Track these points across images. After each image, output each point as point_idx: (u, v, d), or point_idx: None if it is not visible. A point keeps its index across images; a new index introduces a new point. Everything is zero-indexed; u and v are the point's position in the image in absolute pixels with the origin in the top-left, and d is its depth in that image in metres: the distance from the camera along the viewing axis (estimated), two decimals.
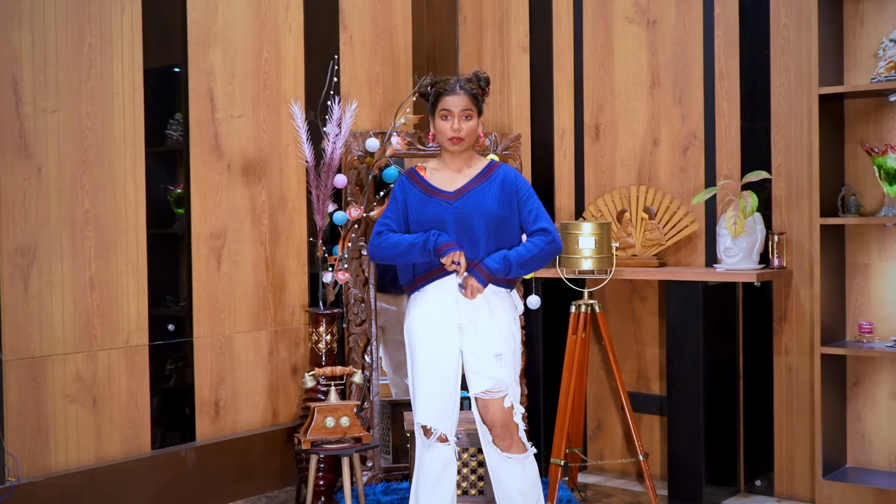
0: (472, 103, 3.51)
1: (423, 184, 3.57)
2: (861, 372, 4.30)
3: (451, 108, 3.49)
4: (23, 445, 3.66)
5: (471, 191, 3.53)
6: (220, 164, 4.33)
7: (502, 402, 3.46)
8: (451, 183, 3.56)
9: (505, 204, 3.52)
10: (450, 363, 3.50)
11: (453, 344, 3.50)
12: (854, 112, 4.30)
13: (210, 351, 4.28)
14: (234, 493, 4.30)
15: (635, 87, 4.90)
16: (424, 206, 3.53)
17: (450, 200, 3.52)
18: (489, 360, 3.46)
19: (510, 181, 3.55)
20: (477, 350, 3.48)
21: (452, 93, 3.51)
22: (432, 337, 3.50)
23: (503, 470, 3.49)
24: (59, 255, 3.79)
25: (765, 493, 4.55)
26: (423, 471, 3.54)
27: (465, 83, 3.54)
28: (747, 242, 4.36)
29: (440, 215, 3.49)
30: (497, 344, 3.47)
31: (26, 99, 3.69)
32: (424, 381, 3.51)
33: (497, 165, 3.61)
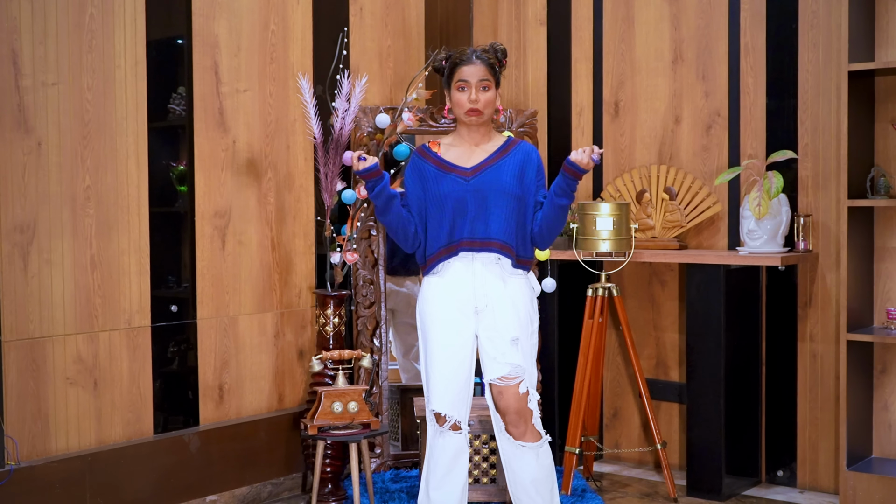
0: (489, 73, 3.45)
1: (437, 159, 3.52)
2: (888, 360, 4.24)
3: (467, 79, 3.43)
4: (22, 429, 3.63)
5: (489, 167, 3.48)
6: (225, 140, 4.26)
7: (517, 388, 3.40)
8: (468, 158, 3.50)
9: (523, 182, 3.48)
10: (465, 348, 3.45)
11: (469, 328, 3.45)
12: (885, 90, 4.22)
13: (214, 333, 4.23)
14: (239, 480, 4.25)
15: (657, 62, 4.83)
16: (440, 183, 3.47)
17: (467, 177, 3.46)
18: (506, 345, 3.40)
19: (530, 160, 3.51)
20: (493, 334, 3.42)
21: (469, 63, 3.45)
22: (447, 321, 3.45)
23: (516, 459, 3.43)
24: (59, 233, 3.74)
25: (787, 485, 4.51)
26: (435, 459, 3.49)
27: (482, 53, 3.49)
28: (772, 225, 4.30)
29: (457, 192, 3.45)
30: (514, 328, 3.41)
31: (26, 71, 3.63)
32: (439, 367, 3.45)
33: (516, 142, 3.56)
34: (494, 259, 3.44)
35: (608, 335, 4.91)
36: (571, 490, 4.27)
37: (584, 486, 4.34)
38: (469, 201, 3.43)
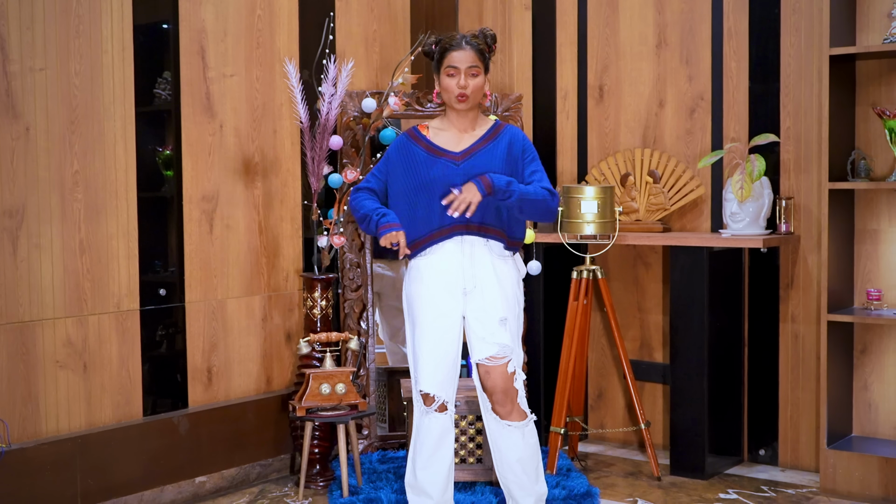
0: (478, 59, 3.51)
1: (427, 143, 3.58)
2: (868, 340, 4.33)
3: (457, 65, 3.49)
4: (13, 411, 3.69)
5: (478, 151, 3.54)
6: (212, 125, 4.33)
7: (505, 367, 3.49)
8: (457, 143, 3.57)
9: (511, 166, 3.55)
10: (453, 329, 3.53)
11: (457, 309, 3.52)
12: (866, 74, 4.31)
13: (202, 316, 4.30)
14: (228, 461, 4.33)
15: (641, 46, 4.90)
16: (431, 167, 3.53)
17: (457, 161, 3.53)
18: (494, 326, 3.48)
19: (517, 143, 3.58)
20: (481, 315, 3.49)
21: (458, 48, 3.51)
22: (435, 303, 3.52)
23: (502, 438, 3.52)
24: (48, 217, 3.79)
25: (769, 463, 4.61)
26: (421, 439, 3.57)
27: (472, 38, 3.54)
28: (754, 207, 4.38)
29: (447, 176, 3.50)
30: (502, 308, 3.49)
31: (13, 57, 3.68)
32: (427, 348, 3.52)
33: (503, 126, 3.62)
34: (484, 241, 3.52)
35: (593, 317, 5.00)
36: (557, 469, 4.36)
37: (569, 466, 4.43)
38: (459, 185, 3.49)
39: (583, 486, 4.11)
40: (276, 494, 4.27)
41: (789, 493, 4.20)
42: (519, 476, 3.55)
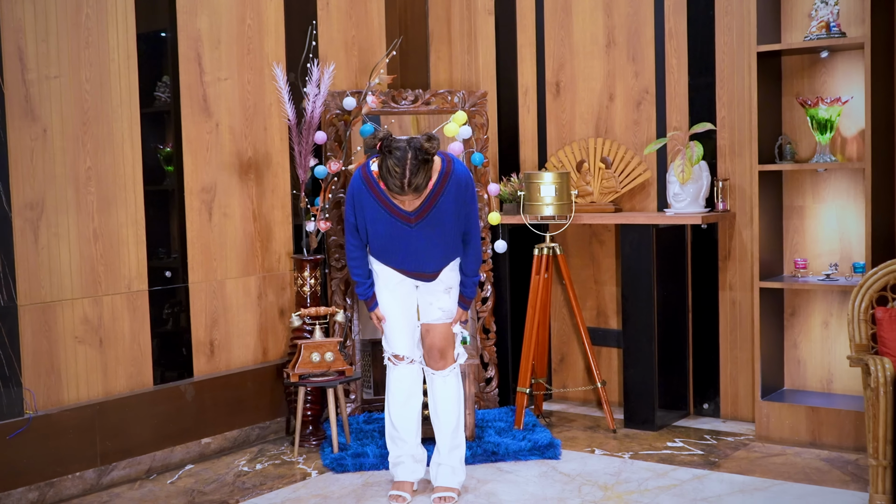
0: (418, 194, 3.60)
1: (381, 196, 3.72)
2: (797, 304, 4.81)
3: (399, 199, 3.64)
4: (38, 382, 4.07)
5: (431, 211, 3.72)
6: (209, 124, 4.73)
7: (444, 328, 3.98)
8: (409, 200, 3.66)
9: (460, 215, 3.81)
10: (409, 296, 4.00)
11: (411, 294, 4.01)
12: (790, 68, 4.75)
13: (204, 295, 4.72)
14: (230, 424, 4.75)
15: (592, 46, 5.33)
16: (385, 224, 3.75)
17: (410, 224, 3.75)
18: (440, 293, 3.98)
19: (462, 191, 3.74)
20: (431, 287, 3.98)
21: (401, 193, 3.56)
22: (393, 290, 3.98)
23: (430, 384, 4.04)
24: (64, 209, 4.16)
25: (712, 416, 5.09)
26: (393, 388, 4.05)
27: (415, 179, 3.51)
28: (694, 188, 4.83)
29: (401, 235, 3.77)
30: (447, 280, 3.98)
31: (31, 66, 4.03)
32: (392, 319, 4.00)
33: (449, 172, 3.72)
34: (436, 282, 3.98)
35: (555, 290, 5.46)
36: (523, 425, 4.83)
37: (534, 422, 4.90)
38: (413, 243, 3.79)
39: (546, 439, 4.58)
40: (274, 452, 4.71)
41: (729, 440, 4.69)
42: (439, 414, 4.01)
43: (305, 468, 4.47)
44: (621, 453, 4.54)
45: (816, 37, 4.48)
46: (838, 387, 4.75)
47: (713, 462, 4.37)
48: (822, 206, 4.73)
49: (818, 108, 4.47)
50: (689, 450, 4.56)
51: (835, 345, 4.74)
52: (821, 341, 4.78)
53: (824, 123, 4.49)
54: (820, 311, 4.77)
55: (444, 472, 4.02)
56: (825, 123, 4.49)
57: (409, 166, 3.51)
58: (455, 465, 4.03)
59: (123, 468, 4.31)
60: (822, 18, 4.49)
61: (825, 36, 4.46)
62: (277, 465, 4.53)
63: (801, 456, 4.42)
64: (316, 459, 4.59)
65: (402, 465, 4.08)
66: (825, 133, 4.50)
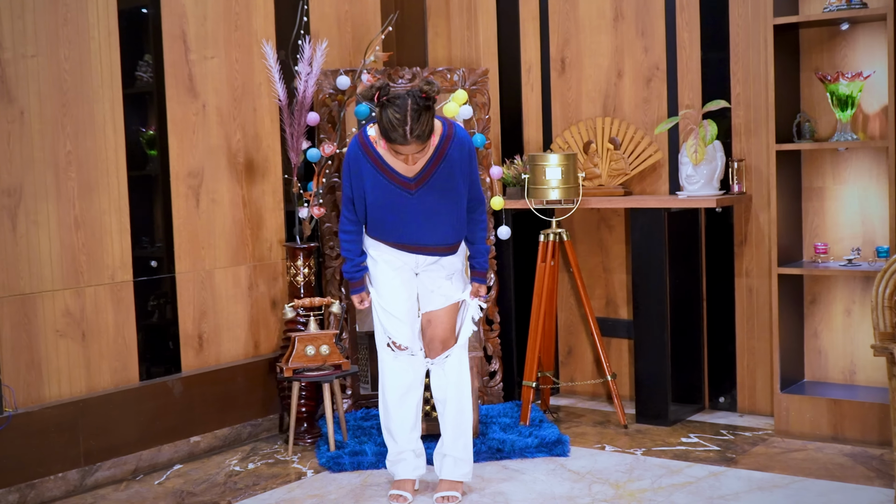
0: (424, 143, 3.47)
1: (380, 161, 3.62)
2: (817, 291, 4.65)
3: (402, 152, 3.49)
4: (18, 378, 3.93)
5: (432, 177, 3.62)
6: (195, 105, 4.57)
7: (446, 317, 3.81)
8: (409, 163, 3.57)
9: (462, 182, 3.68)
10: (409, 282, 3.83)
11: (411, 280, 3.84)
12: (808, 41, 4.59)
13: (192, 286, 4.57)
14: (220, 422, 4.61)
15: (599, 20, 5.16)
16: (384, 192, 3.62)
17: (411, 190, 3.63)
18: (441, 280, 3.81)
19: (464, 156, 3.65)
20: (431, 273, 3.81)
21: (403, 143, 3.43)
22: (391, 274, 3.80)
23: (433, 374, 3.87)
24: (44, 195, 4.02)
25: (728, 409, 4.94)
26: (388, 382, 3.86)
27: (416, 126, 3.40)
28: (708, 169, 4.67)
29: (402, 203, 3.63)
30: (449, 266, 3.81)
31: (6, 45, 3.89)
32: (390, 305, 3.80)
33: (449, 138, 3.62)
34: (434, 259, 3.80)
35: (561, 278, 5.31)
36: (530, 421, 4.66)
37: (541, 417, 4.74)
38: (413, 212, 3.64)
39: (554, 435, 4.42)
40: (267, 451, 4.56)
41: (746, 435, 4.54)
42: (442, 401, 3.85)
43: (300, 467, 4.32)
44: (633, 450, 4.39)
45: (836, 8, 4.33)
46: (861, 378, 4.59)
47: (730, 458, 4.22)
48: (844, 188, 4.57)
49: (838, 84, 4.32)
50: (704, 445, 4.41)
51: (857, 333, 4.58)
52: (843, 330, 4.61)
53: (845, 100, 4.34)
54: (842, 299, 4.60)
55: (447, 464, 3.86)
56: (846, 100, 4.34)
57: (410, 113, 3.39)
58: (458, 456, 3.86)
59: (108, 468, 4.18)
60: None
61: (845, 7, 4.31)
62: (271, 464, 4.38)
63: (823, 451, 4.27)
64: (311, 458, 4.44)
65: (402, 462, 3.92)
66: (846, 110, 4.35)
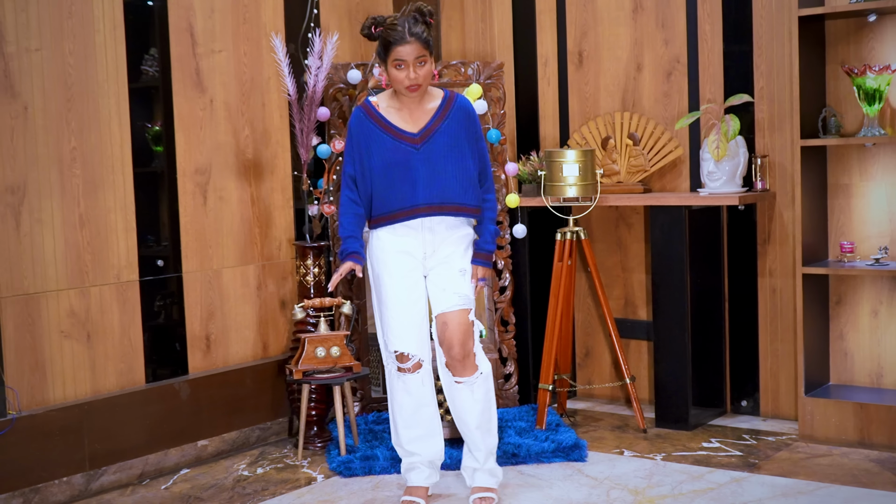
0: (424, 48, 3.54)
1: (383, 121, 3.65)
2: (843, 291, 4.54)
3: (404, 59, 3.52)
4: (21, 380, 3.88)
5: (436, 132, 3.63)
6: (203, 100, 4.50)
7: (463, 318, 3.64)
8: (413, 121, 3.64)
9: (468, 138, 3.68)
10: (418, 286, 3.70)
11: (417, 269, 3.70)
12: (834, 33, 4.48)
13: (199, 286, 4.49)
14: (227, 425, 4.53)
15: (618, 11, 5.07)
16: (389, 151, 3.62)
17: (416, 145, 3.62)
18: (455, 275, 3.67)
19: (470, 122, 3.68)
20: (442, 268, 3.67)
21: (403, 42, 3.51)
22: (398, 266, 3.67)
23: (454, 394, 3.70)
24: (48, 192, 3.97)
25: (751, 413, 4.83)
26: (397, 401, 3.73)
27: (415, 28, 3.53)
28: (730, 166, 4.57)
29: (408, 161, 3.61)
30: (461, 260, 3.69)
31: (10, 38, 3.84)
32: (395, 309, 3.67)
33: (452, 98, 3.69)
34: (441, 218, 3.67)
35: (578, 277, 5.21)
36: (546, 425, 4.57)
37: (558, 421, 4.64)
38: (419, 169, 3.60)
39: (571, 439, 4.33)
40: (276, 455, 4.48)
41: (770, 440, 4.43)
42: (472, 431, 3.71)
43: (310, 472, 4.24)
44: (653, 455, 4.29)
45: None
46: (889, 381, 4.48)
47: (753, 464, 4.12)
48: (871, 184, 4.45)
49: (865, 77, 4.21)
50: (726, 450, 4.31)
51: (885, 335, 4.47)
52: (869, 332, 4.50)
53: (872, 94, 4.23)
54: (868, 299, 4.49)
55: (481, 476, 3.78)
56: (873, 94, 4.23)
57: (408, 19, 3.56)
58: (492, 468, 3.79)
59: (114, 473, 4.11)
60: None
61: None
62: (280, 468, 4.30)
63: (849, 457, 4.17)
64: (321, 463, 4.36)
65: (416, 470, 3.82)
66: (873, 104, 4.25)
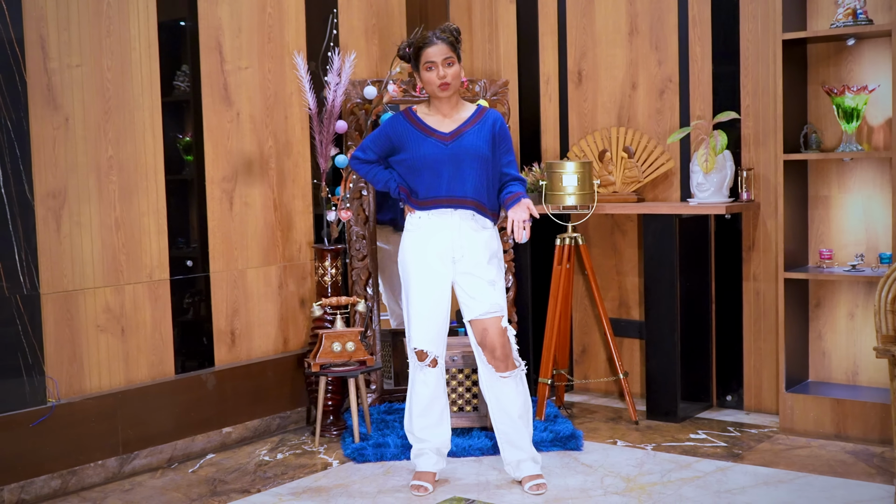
0: (451, 50, 3.88)
1: (420, 123, 3.95)
2: (822, 295, 4.75)
3: (433, 59, 3.86)
4: (60, 370, 4.07)
5: (465, 133, 3.91)
6: (230, 113, 4.71)
7: (499, 323, 3.88)
8: (445, 125, 3.94)
9: (492, 147, 3.94)
10: (442, 290, 3.93)
11: (446, 275, 3.92)
12: (816, 56, 4.68)
13: (225, 285, 4.71)
14: (250, 414, 4.74)
15: (615, 34, 5.27)
16: (422, 145, 3.90)
17: (445, 141, 3.90)
18: (484, 286, 3.89)
19: (498, 127, 3.96)
20: (471, 278, 3.90)
21: (431, 44, 3.85)
22: (426, 268, 3.91)
23: (499, 389, 3.93)
24: (86, 197, 4.16)
25: (735, 407, 5.04)
26: (417, 391, 4.00)
27: (441, 33, 3.88)
28: (718, 178, 4.77)
29: (435, 154, 3.88)
30: (490, 272, 3.91)
31: (52, 55, 4.03)
32: (419, 310, 3.92)
33: (485, 110, 3.99)
34: (470, 215, 3.92)
35: (576, 280, 5.42)
36: (545, 416, 4.79)
37: (556, 413, 4.87)
38: (446, 163, 3.88)
39: (568, 430, 4.54)
40: (295, 442, 4.70)
41: (752, 432, 4.64)
42: (515, 421, 3.95)
43: (326, 458, 4.45)
44: (644, 445, 4.50)
45: (843, 24, 4.41)
46: (864, 379, 4.69)
47: (737, 454, 4.32)
48: (848, 196, 4.66)
49: (844, 97, 4.41)
50: (712, 442, 4.51)
51: (860, 336, 4.68)
52: (846, 333, 4.72)
53: (850, 112, 4.42)
54: (845, 302, 4.71)
55: (528, 466, 3.99)
56: (851, 112, 4.42)
57: (436, 30, 3.91)
58: (535, 455, 4.01)
59: (145, 457, 4.31)
60: (849, 5, 4.43)
61: (852, 23, 4.39)
62: (298, 454, 4.52)
63: (826, 448, 4.37)
64: (337, 449, 4.57)
65: (425, 455, 4.05)
66: (851, 122, 4.44)
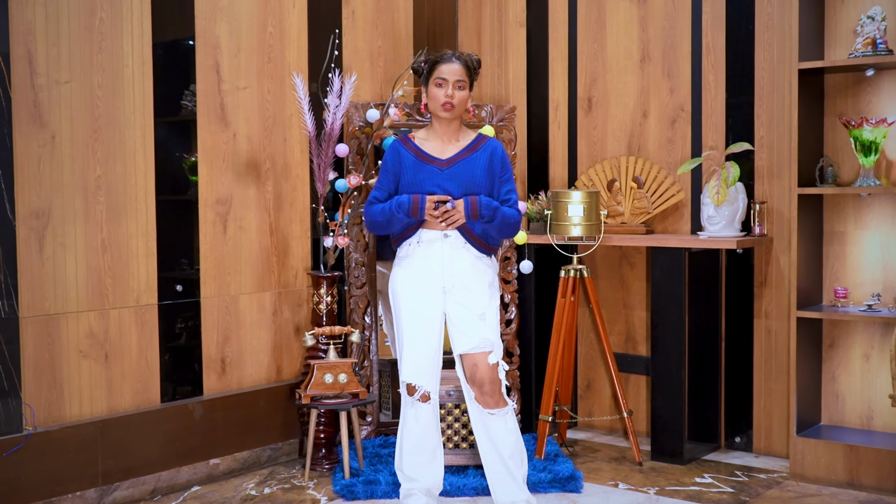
0: (465, 74, 3.57)
1: (417, 149, 3.63)
2: (836, 335, 4.31)
3: (445, 76, 3.54)
4: (39, 397, 3.72)
5: (462, 160, 3.58)
6: (226, 134, 4.34)
7: (488, 359, 3.49)
8: (443, 151, 3.61)
9: (490, 176, 3.59)
10: (433, 323, 3.56)
11: (437, 306, 3.56)
12: (833, 86, 4.28)
13: (217, 311, 4.31)
14: (240, 445, 4.34)
15: (626, 61, 4.88)
16: (418, 171, 3.58)
17: (442, 168, 3.57)
18: (474, 321, 3.50)
19: (497, 157, 3.62)
20: (462, 311, 3.52)
21: (449, 61, 3.57)
22: (417, 300, 3.56)
23: (488, 426, 3.54)
24: (72, 218, 3.82)
25: (744, 450, 4.59)
26: (408, 427, 3.63)
27: (461, 55, 3.59)
28: (729, 211, 4.36)
29: (432, 180, 3.55)
30: (479, 304, 3.52)
31: (40, 70, 3.70)
32: (409, 342, 3.56)
33: (485, 139, 3.65)
34: (461, 243, 3.55)
35: (583, 313, 4.99)
36: (545, 455, 4.35)
37: (556, 452, 4.42)
38: (442, 187, 3.54)
39: (567, 471, 4.10)
40: (285, 475, 4.28)
41: (761, 477, 4.19)
42: (506, 461, 3.56)
43: (315, 494, 4.03)
44: (646, 488, 4.06)
45: (862, 54, 4.02)
46: (879, 424, 4.23)
47: (744, 501, 3.88)
48: (865, 233, 4.22)
49: (862, 130, 4.00)
50: (718, 486, 4.07)
51: (876, 379, 4.22)
52: (861, 375, 4.25)
53: (868, 145, 4.02)
54: (861, 344, 4.24)
55: None
56: (869, 145, 4.01)
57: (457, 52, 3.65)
58: (528, 498, 3.64)
59: (126, 488, 3.92)
60: (868, 35, 4.05)
61: (871, 53, 4.00)
62: (287, 489, 4.10)
63: (838, 497, 3.92)
64: (327, 484, 4.15)
65: (413, 497, 3.66)
66: (869, 155, 4.03)
